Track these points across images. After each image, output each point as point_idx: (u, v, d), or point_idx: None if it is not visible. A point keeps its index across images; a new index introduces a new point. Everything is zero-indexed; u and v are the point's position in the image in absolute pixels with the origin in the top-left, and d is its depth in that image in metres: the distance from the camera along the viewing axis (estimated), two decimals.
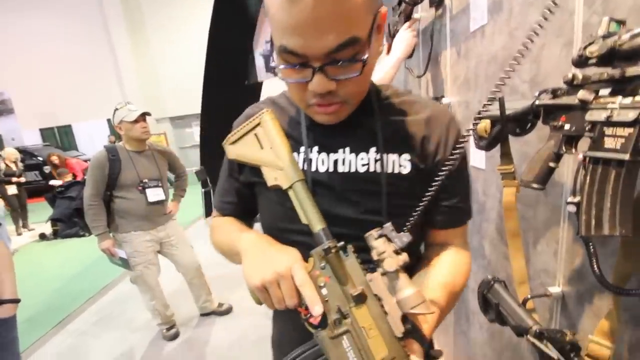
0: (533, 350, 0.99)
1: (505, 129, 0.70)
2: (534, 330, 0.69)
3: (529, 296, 0.79)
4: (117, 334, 2.44)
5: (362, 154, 0.57)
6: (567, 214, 0.74)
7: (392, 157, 0.57)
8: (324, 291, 0.48)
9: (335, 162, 0.57)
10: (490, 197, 1.07)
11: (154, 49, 8.70)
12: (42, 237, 4.80)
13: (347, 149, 0.57)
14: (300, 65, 0.46)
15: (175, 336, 2.25)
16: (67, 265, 3.79)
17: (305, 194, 0.54)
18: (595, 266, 0.55)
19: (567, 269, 0.76)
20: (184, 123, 9.13)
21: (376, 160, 0.56)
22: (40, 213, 4.97)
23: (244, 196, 0.67)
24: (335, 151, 0.57)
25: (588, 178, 0.49)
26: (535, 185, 0.61)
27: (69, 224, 4.43)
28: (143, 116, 1.91)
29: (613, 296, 0.57)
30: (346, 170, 0.57)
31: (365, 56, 0.46)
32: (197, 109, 4.14)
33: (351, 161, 0.57)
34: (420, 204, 0.52)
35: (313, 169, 0.57)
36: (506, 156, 0.78)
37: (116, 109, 1.90)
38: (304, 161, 0.58)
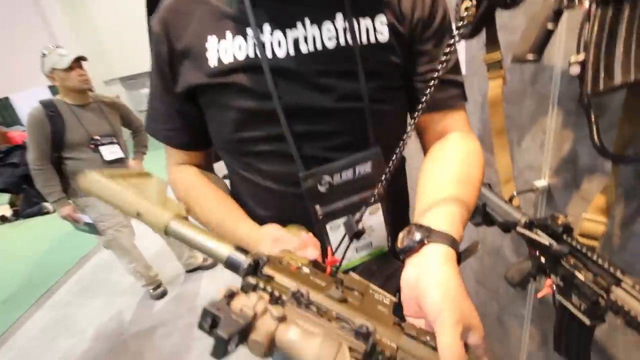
0: (515, 248, 1.02)
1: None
2: (523, 222, 0.67)
3: (515, 193, 0.77)
4: (102, 300, 2.39)
5: (327, 25, 0.46)
6: (557, 99, 0.68)
7: (365, 23, 0.47)
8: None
9: (296, 41, 0.46)
10: (471, 102, 1.01)
11: None
12: (3, 219, 4.46)
13: (307, 21, 0.46)
14: None
15: (162, 294, 2.23)
16: (36, 244, 3.58)
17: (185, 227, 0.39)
18: (595, 136, 0.50)
19: (554, 159, 0.72)
20: (137, 83, 8.29)
21: (345, 30, 0.46)
22: None
23: (191, 117, 0.54)
24: (293, 25, 0.46)
25: (596, 26, 0.42)
26: (530, 57, 0.53)
27: (28, 202, 4.10)
28: (78, 62, 1.65)
29: (612, 168, 0.54)
30: (310, 49, 0.46)
31: None
32: (149, 66, 3.70)
33: (315, 36, 0.46)
34: (418, 111, 0.36)
35: (269, 54, 0.46)
36: (492, 42, 0.69)
37: (43, 55, 1.62)
38: (254, 46, 0.46)
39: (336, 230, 0.54)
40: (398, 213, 0.62)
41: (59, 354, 1.96)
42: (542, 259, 0.62)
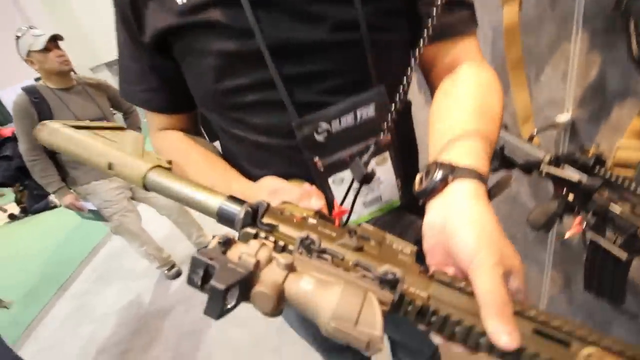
0: (533, 193, 0.97)
1: None
2: (548, 158, 0.62)
3: (535, 132, 0.71)
4: (119, 286, 2.43)
5: None
6: (582, 18, 0.60)
7: None
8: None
9: None
10: (480, 38, 0.92)
11: None
12: (12, 217, 4.50)
13: None
14: None
15: (177, 274, 2.26)
16: (48, 238, 3.62)
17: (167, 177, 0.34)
18: (635, 47, 0.44)
19: (578, 89, 0.66)
20: None
21: None
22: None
23: (167, 73, 0.48)
24: None
25: None
26: None
27: (33, 197, 4.11)
28: (54, 41, 1.55)
29: None
30: None
31: None
32: None
33: None
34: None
35: None
36: None
37: (17, 38, 1.52)
38: None
39: (340, 185, 0.49)
40: (408, 163, 0.56)
41: (83, 340, 2.02)
42: (570, 197, 0.58)
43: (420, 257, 0.31)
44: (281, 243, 0.26)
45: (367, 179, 0.35)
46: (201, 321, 1.88)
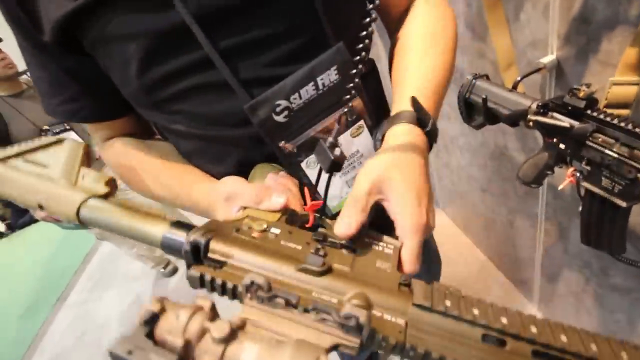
0: (522, 147, 0.93)
1: None
2: (534, 107, 0.56)
3: (518, 78, 0.65)
4: (118, 289, 2.41)
5: None
6: None
7: None
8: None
9: None
10: None
11: None
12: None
13: None
14: None
15: (174, 271, 2.23)
16: (38, 251, 3.55)
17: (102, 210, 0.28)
18: None
19: (562, 25, 0.59)
20: None
21: None
22: None
23: (85, 75, 0.40)
24: None
25: None
26: None
27: (17, 212, 3.98)
28: None
29: None
30: None
31: None
32: None
33: None
34: None
35: None
36: None
37: None
38: None
39: (315, 168, 0.43)
40: None
41: (90, 346, 2.02)
42: (562, 146, 0.53)
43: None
44: (230, 285, 0.22)
45: (336, 165, 0.29)
46: None
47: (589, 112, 0.46)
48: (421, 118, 0.34)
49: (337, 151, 0.28)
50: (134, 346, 0.16)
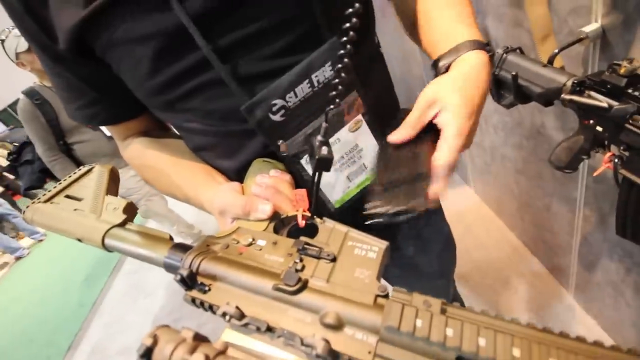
0: (561, 126, 0.84)
1: None
2: (569, 85, 0.51)
3: (556, 50, 0.58)
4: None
5: None
6: None
7: None
8: None
9: None
10: None
11: None
12: None
13: None
14: None
15: None
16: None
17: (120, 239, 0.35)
18: None
19: None
20: None
21: None
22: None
23: (100, 81, 0.42)
24: None
25: None
26: None
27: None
28: None
29: None
30: None
31: None
32: None
33: None
34: None
35: None
36: None
37: (2, 41, 1.49)
38: None
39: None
40: (389, 120, 0.49)
41: (141, 312, 2.25)
42: (599, 128, 0.48)
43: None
44: (215, 308, 0.25)
45: (322, 164, 0.29)
46: None
47: (630, 91, 0.41)
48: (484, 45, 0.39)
49: (324, 150, 0.28)
50: None
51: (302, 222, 0.30)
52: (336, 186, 0.45)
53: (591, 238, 0.85)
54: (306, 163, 0.42)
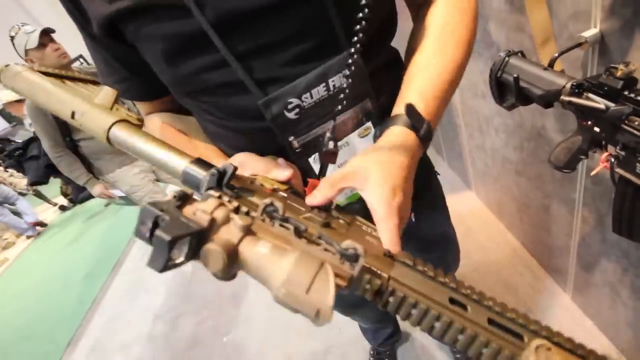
0: (561, 128, 0.86)
1: None
2: (568, 87, 0.53)
3: (556, 54, 0.60)
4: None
5: None
6: None
7: None
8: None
9: None
10: None
11: None
12: (62, 208, 4.92)
13: None
14: None
15: None
16: (97, 223, 3.97)
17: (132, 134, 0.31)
18: None
19: None
20: None
21: None
22: (50, 188, 4.99)
23: (131, 63, 0.44)
24: None
25: None
26: None
27: (77, 188, 4.43)
28: (47, 35, 1.53)
29: None
30: None
31: None
32: None
33: None
34: None
35: None
36: None
37: (12, 38, 1.52)
38: None
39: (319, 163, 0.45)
40: None
41: (141, 309, 2.26)
42: (596, 129, 0.50)
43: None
44: (244, 209, 0.24)
45: (328, 156, 0.32)
46: (239, 286, 2.01)
47: (626, 93, 0.43)
48: (415, 124, 0.36)
49: (330, 144, 0.30)
50: (166, 209, 0.19)
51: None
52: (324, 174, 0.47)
53: (589, 239, 0.87)
54: (314, 162, 0.44)
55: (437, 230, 0.68)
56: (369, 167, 0.32)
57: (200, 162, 0.29)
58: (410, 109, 0.35)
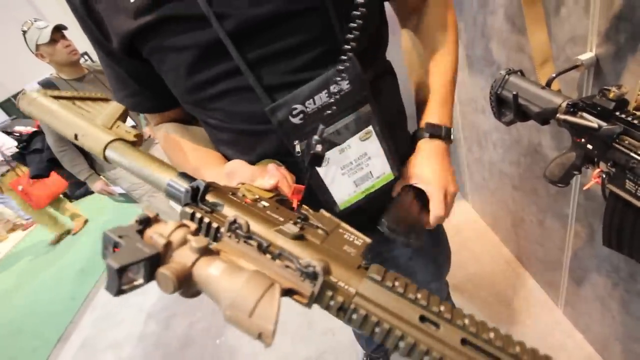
0: (556, 145, 0.90)
1: None
2: (564, 106, 0.56)
3: (554, 75, 0.64)
4: None
5: None
6: None
7: None
8: None
9: None
10: None
11: None
12: None
13: None
14: None
15: None
16: (94, 219, 3.94)
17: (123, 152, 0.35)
18: None
19: (602, 21, 0.57)
20: None
21: None
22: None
23: (144, 77, 0.48)
24: None
25: None
26: None
27: (74, 185, 4.41)
28: (59, 31, 1.56)
29: None
30: None
31: None
32: None
33: None
34: None
35: None
36: None
37: (24, 32, 1.54)
38: None
39: (326, 166, 0.48)
40: (397, 132, 0.54)
41: (134, 308, 2.24)
42: (589, 146, 0.53)
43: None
44: (215, 225, 0.26)
45: (314, 159, 0.34)
46: None
47: (617, 113, 0.46)
48: (435, 133, 0.53)
49: (318, 147, 0.32)
50: (125, 235, 0.20)
51: (295, 205, 0.33)
52: (343, 189, 0.49)
53: (581, 253, 0.90)
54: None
55: (429, 232, 0.71)
56: (422, 167, 0.52)
57: (184, 177, 0.31)
58: (430, 126, 0.53)
